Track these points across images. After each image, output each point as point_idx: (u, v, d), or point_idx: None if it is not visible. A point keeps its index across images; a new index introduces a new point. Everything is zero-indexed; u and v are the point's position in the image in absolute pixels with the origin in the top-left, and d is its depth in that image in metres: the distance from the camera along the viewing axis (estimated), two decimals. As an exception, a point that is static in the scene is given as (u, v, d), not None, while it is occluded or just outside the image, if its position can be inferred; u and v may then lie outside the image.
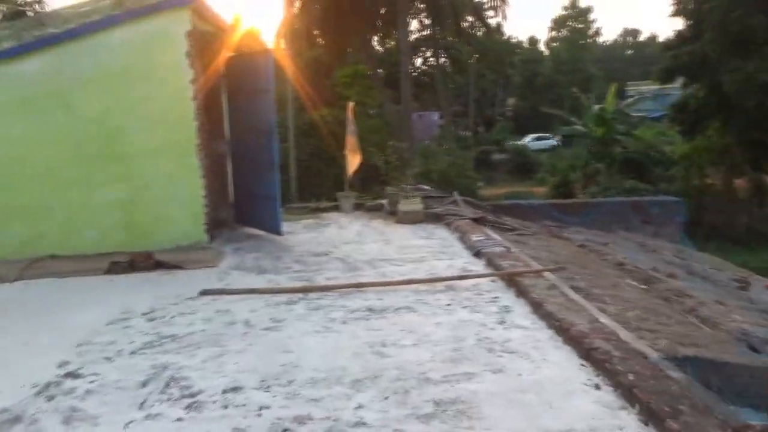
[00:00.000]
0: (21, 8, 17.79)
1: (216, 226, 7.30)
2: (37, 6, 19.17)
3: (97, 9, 6.25)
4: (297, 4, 22.71)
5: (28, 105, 6.21)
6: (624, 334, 3.94)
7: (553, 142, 41.76)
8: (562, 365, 3.59)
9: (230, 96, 7.87)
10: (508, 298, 4.92)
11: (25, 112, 6.21)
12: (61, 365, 3.74)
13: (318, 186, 18.99)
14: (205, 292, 5.16)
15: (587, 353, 3.63)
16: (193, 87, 6.43)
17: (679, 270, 7.43)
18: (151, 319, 4.56)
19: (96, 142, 6.32)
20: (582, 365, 3.58)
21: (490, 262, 5.85)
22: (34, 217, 6.24)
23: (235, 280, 5.62)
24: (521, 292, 4.90)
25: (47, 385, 3.46)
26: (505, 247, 6.34)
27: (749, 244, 19.49)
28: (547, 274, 5.32)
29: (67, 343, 4.10)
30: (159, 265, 5.96)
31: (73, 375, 3.60)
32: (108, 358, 3.84)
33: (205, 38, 7.04)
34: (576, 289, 5.12)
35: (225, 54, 7.77)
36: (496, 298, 4.91)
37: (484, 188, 26.52)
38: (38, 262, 6.02)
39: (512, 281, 5.17)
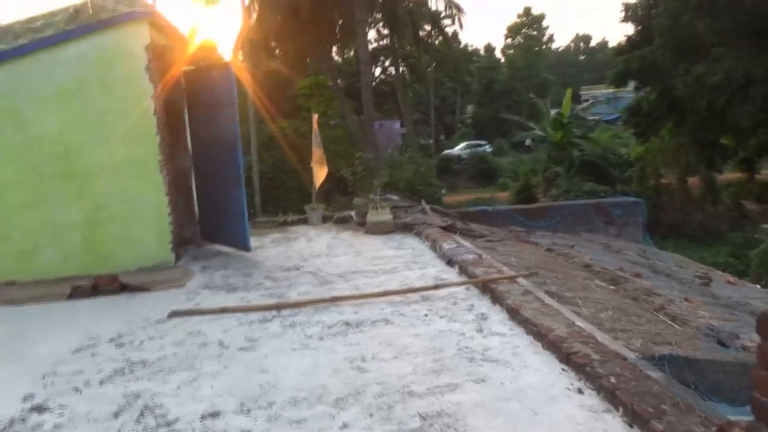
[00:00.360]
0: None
1: (182, 244, 7.11)
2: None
3: (51, 24, 6.03)
4: (254, 15, 22.50)
5: (-22, 125, 5.94)
6: (601, 337, 3.99)
7: (487, 149, 41.80)
8: (543, 371, 3.60)
9: (191, 110, 7.71)
10: (484, 305, 4.93)
11: (-25, 133, 5.94)
12: (25, 399, 3.54)
13: (282, 198, 18.80)
14: (174, 314, 4.99)
15: (567, 357, 3.65)
16: (154, 101, 6.27)
17: (644, 269, 7.60)
18: (120, 345, 4.38)
19: (53, 161, 6.09)
20: (563, 370, 3.60)
21: (462, 270, 5.86)
22: (-12, 242, 5.95)
23: (204, 300, 5.46)
24: (496, 299, 4.91)
25: (11, 422, 3.27)
26: (476, 254, 6.36)
27: (704, 240, 20.22)
28: (520, 279, 5.36)
29: (30, 375, 3.89)
30: (124, 288, 5.74)
31: (39, 408, 3.41)
32: (76, 389, 3.66)
33: (163, 51, 6.88)
34: (549, 293, 5.17)
35: (184, 67, 7.62)
36: (471, 306, 4.91)
37: (448, 195, 26.73)
38: (-6, 289, 5.73)
39: (486, 288, 5.18)
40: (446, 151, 40.79)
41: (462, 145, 42.77)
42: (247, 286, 5.88)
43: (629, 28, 24.10)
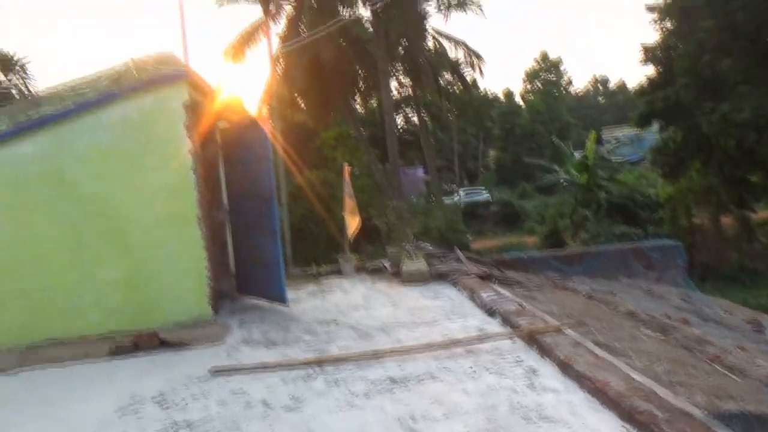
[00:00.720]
0: (4, 90, 17.89)
1: (219, 297, 7.09)
2: (22, 87, 19.33)
3: (94, 86, 6.25)
4: (279, 70, 23.17)
5: (23, 187, 6.11)
6: (661, 392, 3.80)
7: (486, 196, 41.07)
8: (603, 430, 3.42)
9: (226, 164, 7.83)
10: (532, 358, 4.76)
11: (20, 195, 6.10)
12: (72, 465, 3.48)
13: (311, 249, 18.83)
14: (216, 371, 4.93)
15: (629, 415, 3.47)
16: (192, 158, 6.39)
17: (690, 315, 7.34)
18: (163, 405, 4.31)
19: (95, 220, 6.20)
20: (624, 428, 3.42)
21: (505, 321, 5.71)
22: (32, 301, 6.02)
23: (245, 356, 5.39)
24: (545, 352, 4.75)
25: (60, 490, 3.20)
26: (517, 303, 6.21)
27: (743, 281, 19.58)
28: (566, 329, 5.19)
29: (75, 439, 3.84)
30: (164, 345, 5.71)
31: (86, 475, 3.34)
32: (122, 454, 3.58)
33: (200, 109, 7.06)
34: (597, 344, 4.99)
35: (220, 124, 7.79)
36: (519, 359, 4.75)
37: (474, 241, 26.56)
38: (38, 348, 5.75)
39: (533, 340, 5.03)
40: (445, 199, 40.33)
41: (462, 191, 42.23)
42: (286, 340, 5.80)
43: (649, 69, 24.16)
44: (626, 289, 8.87)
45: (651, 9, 22.82)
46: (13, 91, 18.29)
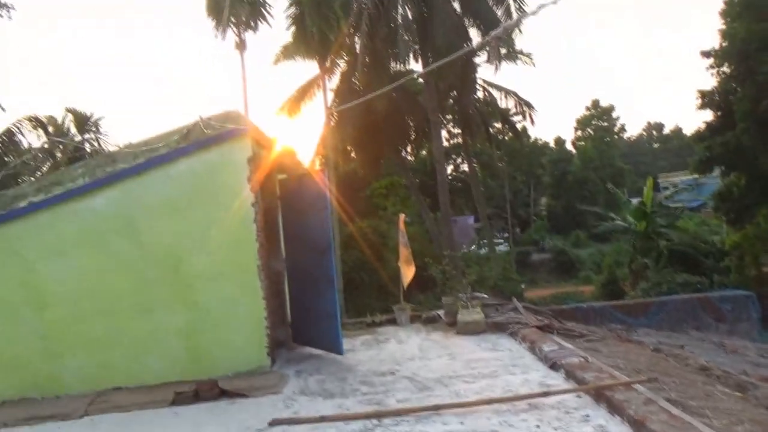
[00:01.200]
0: (80, 145, 19.11)
1: (275, 347, 7.14)
2: (95, 142, 20.61)
3: (165, 142, 6.59)
4: (332, 122, 23.86)
5: (96, 237, 6.40)
6: (748, 456, 3.53)
7: (503, 247, 39.49)
8: (687, 496, 3.19)
9: (285, 215, 8.03)
10: (600, 415, 4.54)
11: (93, 245, 6.39)
12: None
13: (363, 298, 18.86)
14: (275, 422, 4.91)
15: (714, 481, 3.23)
16: (254, 209, 6.58)
17: (770, 372, 6.85)
18: (224, 456, 4.32)
19: (161, 270, 6.41)
20: (708, 495, 3.18)
21: (569, 375, 5.49)
22: (100, 347, 6.23)
23: (302, 407, 5.36)
24: (615, 409, 4.52)
25: None
26: (581, 356, 5.98)
27: (823, 335, 18.24)
28: (636, 385, 4.94)
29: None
30: (223, 394, 5.76)
31: None
32: (186, 505, 3.58)
33: (261, 162, 7.31)
34: (670, 401, 4.72)
35: (279, 176, 8.05)
36: (587, 416, 4.54)
37: (528, 290, 25.99)
38: (103, 395, 5.91)
39: (601, 396, 4.80)
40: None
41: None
42: (343, 392, 5.75)
43: (706, 114, 23.61)
44: (696, 343, 8.40)
45: (706, 54, 22.50)
46: (87, 147, 19.51)
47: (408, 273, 8.90)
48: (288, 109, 22.91)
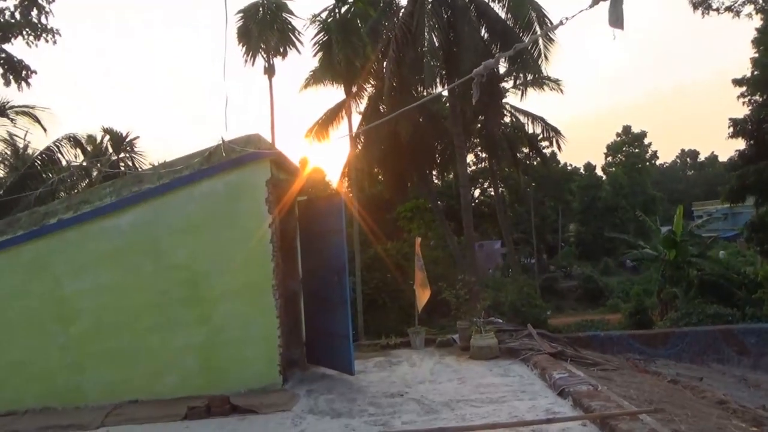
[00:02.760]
0: (114, 165, 19.81)
1: (289, 366, 7.27)
2: (129, 161, 21.33)
3: (188, 164, 6.86)
4: (359, 146, 24.20)
5: (120, 255, 6.68)
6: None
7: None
8: None
9: (303, 236, 8.21)
10: (603, 445, 4.52)
11: (117, 262, 6.67)
12: None
13: (383, 319, 18.89)
14: (281, 439, 5.02)
15: None
16: (271, 230, 6.78)
17: (791, 408, 6.67)
18: (229, 470, 4.43)
19: (180, 287, 6.64)
20: None
21: (577, 403, 5.47)
22: (121, 362, 6.47)
23: (310, 426, 5.46)
24: (618, 439, 4.49)
25: None
26: (591, 385, 5.94)
27: None
28: (643, 416, 4.90)
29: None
30: (235, 410, 5.90)
31: None
32: None
33: (281, 184, 7.54)
34: (677, 433, 4.67)
35: (298, 198, 8.26)
36: (590, 445, 4.52)
37: (553, 317, 25.61)
38: (120, 408, 6.11)
39: (606, 425, 4.77)
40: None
41: None
42: (350, 412, 5.83)
43: (739, 143, 23.18)
44: (716, 376, 8.22)
45: (738, 82, 22.22)
46: (122, 166, 20.21)
47: (423, 296, 8.97)
48: (316, 132, 23.37)
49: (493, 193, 36.22)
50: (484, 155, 35.64)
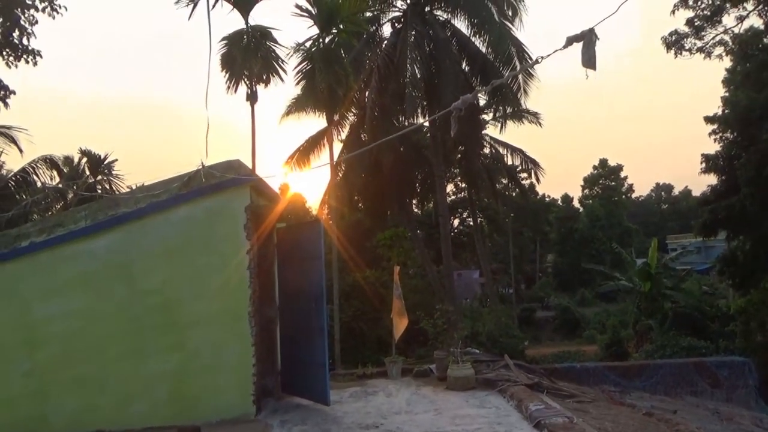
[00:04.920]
0: (92, 187, 19.54)
1: (263, 395, 7.14)
2: (106, 184, 21.08)
3: (167, 188, 6.81)
4: (340, 174, 24.26)
5: (92, 279, 6.55)
6: None
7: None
8: None
9: (281, 262, 8.15)
10: (578, 478, 4.49)
11: (88, 287, 6.54)
12: None
13: (360, 348, 18.68)
14: (252, 472, 4.90)
15: None
16: (249, 257, 6.73)
17: (763, 442, 6.74)
18: (197, 504, 4.30)
19: (152, 313, 6.52)
20: None
21: (552, 436, 5.45)
22: (88, 389, 6.30)
23: (282, 457, 5.34)
24: (593, 472, 4.48)
25: None
26: (566, 416, 5.93)
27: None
28: (618, 449, 4.90)
29: None
30: (205, 441, 5.75)
31: None
32: None
33: (260, 211, 7.50)
34: (652, 467, 4.68)
35: (277, 224, 8.22)
36: (565, 478, 4.49)
37: (531, 348, 25.61)
38: (85, 437, 5.92)
39: (581, 458, 4.76)
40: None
41: None
42: (325, 443, 5.72)
43: (711, 178, 23.75)
44: (690, 409, 8.27)
45: (710, 120, 22.90)
46: (99, 189, 19.95)
47: (400, 325, 8.93)
48: (297, 160, 23.39)
49: (472, 222, 36.52)
50: (463, 185, 35.97)
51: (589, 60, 2.93)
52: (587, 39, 2.70)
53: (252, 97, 14.85)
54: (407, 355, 14.18)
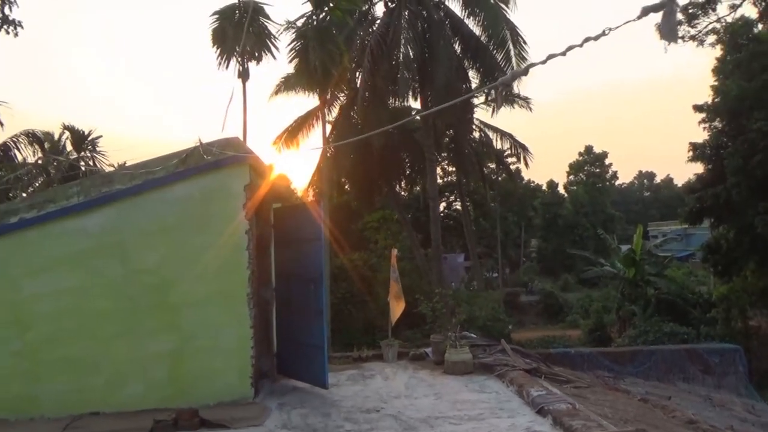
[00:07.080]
0: (75, 163, 19.06)
1: (259, 377, 7.02)
2: (90, 161, 20.58)
3: (164, 166, 6.58)
4: (328, 155, 24.01)
5: (86, 257, 6.32)
6: None
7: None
8: None
9: (277, 244, 7.99)
10: (587, 465, 4.47)
11: (82, 265, 6.30)
12: None
13: (348, 331, 18.65)
14: (255, 456, 4.80)
15: None
16: (248, 237, 6.56)
17: (757, 429, 6.81)
18: (201, 489, 4.19)
19: (148, 293, 6.34)
20: None
21: (557, 422, 5.42)
22: (79, 370, 6.10)
23: (284, 441, 5.25)
24: (602, 459, 4.46)
25: None
26: (569, 403, 5.91)
27: (809, 392, 18.17)
28: (624, 436, 4.89)
29: None
30: (203, 424, 5.62)
31: None
32: None
33: (258, 190, 7.32)
34: (658, 454, 4.68)
35: (274, 204, 8.05)
36: (574, 465, 4.46)
37: (515, 332, 25.80)
38: (79, 420, 5.76)
39: (588, 445, 4.74)
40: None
41: None
42: (326, 427, 5.64)
43: (697, 167, 23.95)
44: (683, 395, 8.35)
45: (699, 108, 23.00)
46: (82, 165, 19.47)
47: (397, 308, 8.85)
48: (285, 139, 23.07)
49: (458, 206, 36.55)
50: (451, 169, 35.91)
51: (669, 32, 2.78)
52: (668, 8, 2.55)
53: (244, 75, 14.50)
54: (396, 338, 14.15)
